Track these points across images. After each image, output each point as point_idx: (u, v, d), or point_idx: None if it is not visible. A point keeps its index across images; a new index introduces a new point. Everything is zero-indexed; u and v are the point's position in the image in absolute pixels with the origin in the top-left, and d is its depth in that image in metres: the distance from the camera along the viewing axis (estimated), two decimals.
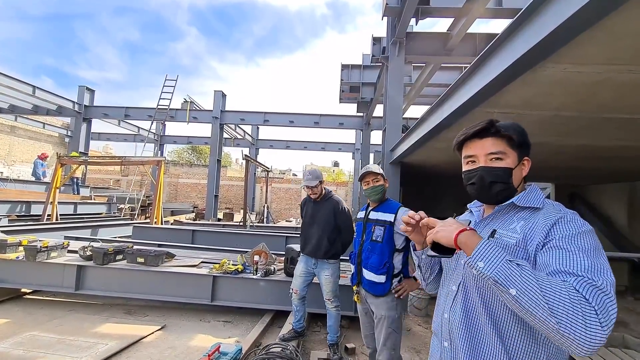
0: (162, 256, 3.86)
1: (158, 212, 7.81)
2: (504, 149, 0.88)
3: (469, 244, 0.76)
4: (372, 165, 2.16)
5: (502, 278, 0.69)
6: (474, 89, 2.00)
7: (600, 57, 1.41)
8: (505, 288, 0.68)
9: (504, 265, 0.69)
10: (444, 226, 0.82)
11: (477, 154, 0.91)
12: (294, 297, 2.90)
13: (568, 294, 0.64)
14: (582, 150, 3.40)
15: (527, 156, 0.92)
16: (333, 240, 2.76)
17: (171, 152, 29.23)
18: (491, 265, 0.70)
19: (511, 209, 0.91)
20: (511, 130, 0.89)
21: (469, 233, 0.78)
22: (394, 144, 4.85)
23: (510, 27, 1.55)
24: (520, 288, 0.67)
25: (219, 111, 11.31)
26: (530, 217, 0.86)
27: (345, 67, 8.76)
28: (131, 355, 2.68)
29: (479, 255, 0.73)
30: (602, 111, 2.13)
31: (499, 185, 0.89)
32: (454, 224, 0.82)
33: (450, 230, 0.80)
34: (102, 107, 11.84)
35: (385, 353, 1.91)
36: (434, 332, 1.05)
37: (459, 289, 0.93)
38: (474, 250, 0.74)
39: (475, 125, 0.92)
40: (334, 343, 2.80)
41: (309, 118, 11.47)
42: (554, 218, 0.80)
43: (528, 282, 0.66)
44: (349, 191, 19.76)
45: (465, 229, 0.79)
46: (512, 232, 0.86)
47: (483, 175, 0.90)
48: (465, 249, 0.77)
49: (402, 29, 5.02)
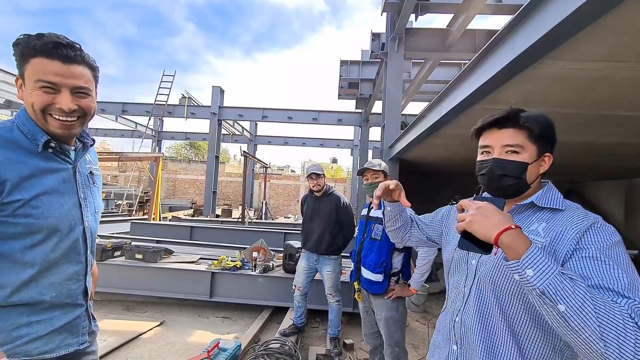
0: (161, 252, 3.86)
1: (156, 209, 7.80)
2: (523, 142, 0.82)
3: (515, 247, 0.65)
4: (374, 160, 2.14)
5: (553, 291, 0.61)
6: (474, 86, 1.99)
7: (600, 54, 1.41)
8: (554, 303, 0.61)
9: (556, 277, 0.61)
10: (481, 216, 0.69)
11: (492, 145, 0.85)
12: (296, 293, 2.91)
13: (622, 319, 0.59)
14: (580, 147, 3.40)
15: (550, 152, 0.85)
16: (335, 235, 2.77)
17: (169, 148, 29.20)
18: (542, 276, 0.61)
19: (529, 207, 0.86)
20: (533, 121, 0.81)
21: (514, 233, 0.66)
22: (392, 141, 4.85)
23: (511, 24, 1.54)
24: (571, 305, 0.60)
25: (217, 107, 11.25)
26: (552, 219, 0.81)
27: (344, 63, 8.72)
28: (130, 351, 2.69)
29: (528, 262, 0.63)
30: (601, 108, 2.13)
31: (510, 179, 0.83)
32: (495, 214, 0.69)
33: (490, 224, 0.67)
34: (99, 103, 11.68)
35: (390, 350, 1.95)
36: (439, 333, 1.02)
37: (471, 291, 0.88)
38: (524, 256, 0.63)
39: (494, 113, 0.85)
40: (335, 337, 2.82)
41: (307, 114, 11.44)
42: (584, 225, 0.75)
43: (582, 301, 0.59)
44: (347, 188, 19.77)
45: (510, 227, 0.66)
46: (534, 235, 0.80)
47: (494, 167, 0.84)
48: (507, 252, 0.66)
49: (402, 24, 4.99)
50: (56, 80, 0.86)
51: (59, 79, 0.86)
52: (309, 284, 2.95)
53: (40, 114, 0.87)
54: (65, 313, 0.97)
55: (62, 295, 0.95)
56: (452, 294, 0.96)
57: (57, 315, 0.95)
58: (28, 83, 0.86)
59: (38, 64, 0.84)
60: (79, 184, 0.99)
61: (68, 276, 0.97)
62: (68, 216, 0.95)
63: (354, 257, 2.18)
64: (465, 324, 0.88)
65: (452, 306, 0.95)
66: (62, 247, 0.94)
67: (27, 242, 0.87)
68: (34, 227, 0.87)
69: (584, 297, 0.60)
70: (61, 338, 0.95)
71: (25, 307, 0.89)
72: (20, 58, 0.86)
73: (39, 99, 0.85)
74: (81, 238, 1.00)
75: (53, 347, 0.93)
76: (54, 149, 0.92)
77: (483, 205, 0.71)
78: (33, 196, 0.86)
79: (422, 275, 1.94)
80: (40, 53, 0.84)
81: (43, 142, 0.89)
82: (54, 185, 0.92)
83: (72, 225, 0.96)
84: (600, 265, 0.68)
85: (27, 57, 0.85)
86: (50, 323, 0.93)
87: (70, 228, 0.95)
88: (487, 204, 0.71)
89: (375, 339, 2.16)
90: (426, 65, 7.09)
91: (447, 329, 0.96)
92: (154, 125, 15.29)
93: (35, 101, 0.86)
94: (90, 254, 1.04)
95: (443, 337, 0.98)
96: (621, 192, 6.84)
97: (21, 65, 0.86)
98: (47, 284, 0.92)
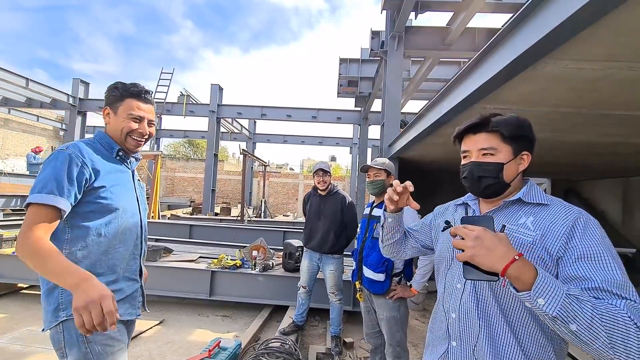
0: (160, 251, 3.86)
1: (155, 207, 7.78)
2: (496, 144, 0.89)
3: (523, 278, 0.67)
4: (379, 159, 2.14)
5: (564, 315, 0.65)
6: (474, 86, 1.99)
7: (601, 54, 1.41)
8: (565, 324, 0.65)
9: (565, 301, 0.65)
10: (483, 249, 0.70)
11: (470, 149, 0.94)
12: (301, 290, 2.92)
13: (625, 323, 0.63)
14: (579, 146, 3.41)
15: (528, 150, 0.91)
16: (339, 235, 2.76)
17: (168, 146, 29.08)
18: (553, 303, 0.65)
19: (515, 203, 0.91)
20: (503, 125, 0.89)
21: (520, 264, 0.68)
22: (392, 139, 4.85)
23: (512, 24, 1.54)
24: (581, 324, 0.64)
25: (215, 105, 11.21)
26: (539, 213, 0.86)
27: (343, 61, 8.70)
28: (130, 350, 2.67)
29: (539, 292, 0.66)
30: (600, 108, 2.14)
31: (487, 179, 0.90)
32: (498, 245, 0.70)
33: (495, 257, 0.69)
34: (98, 101, 11.68)
35: (391, 350, 1.96)
36: (432, 332, 1.03)
37: (465, 287, 0.91)
38: (534, 287, 0.66)
39: (469, 120, 0.93)
40: (337, 335, 2.83)
41: (306, 112, 11.40)
42: (570, 219, 0.80)
43: (591, 318, 0.64)
44: (346, 186, 19.77)
45: (515, 258, 0.68)
46: (523, 229, 0.85)
47: (473, 170, 0.92)
48: (515, 283, 0.69)
49: (402, 22, 4.98)
50: (141, 114, 1.27)
51: (142, 113, 1.28)
52: (314, 283, 2.95)
53: (124, 136, 1.26)
54: (129, 286, 1.27)
55: (127, 270, 1.26)
56: (446, 291, 0.98)
57: (124, 286, 1.25)
58: (121, 114, 1.25)
59: (131, 102, 1.25)
60: (135, 184, 1.35)
61: (130, 253, 1.27)
62: (131, 204, 1.28)
63: (355, 256, 2.18)
64: (464, 320, 0.90)
65: (447, 303, 0.97)
66: (127, 227, 1.25)
67: (104, 220, 1.18)
68: (110, 207, 1.19)
69: (592, 315, 0.64)
70: (126, 307, 1.25)
71: (104, 277, 1.16)
72: (118, 97, 1.25)
73: (128, 126, 1.25)
74: (138, 224, 1.32)
75: (122, 313, 1.21)
76: (121, 157, 1.30)
77: (481, 234, 0.71)
78: (110, 185, 1.20)
79: (424, 276, 1.94)
80: (133, 96, 1.26)
81: (116, 150, 1.28)
82: (122, 181, 1.27)
83: (133, 211, 1.29)
84: (597, 264, 0.73)
85: (124, 97, 1.25)
86: (122, 292, 1.23)
87: (132, 213, 1.28)
88: (485, 232, 0.71)
89: (377, 338, 2.16)
90: (426, 64, 7.08)
91: (442, 327, 0.97)
92: None
93: (124, 126, 1.25)
94: (144, 241, 1.36)
95: (437, 335, 0.99)
96: (619, 191, 6.87)
97: (116, 102, 1.25)
98: (118, 257, 1.22)
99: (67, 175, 1.09)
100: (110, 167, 1.23)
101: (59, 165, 1.10)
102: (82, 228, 1.14)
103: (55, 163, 1.10)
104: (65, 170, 1.09)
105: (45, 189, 1.05)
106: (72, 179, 1.10)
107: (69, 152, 1.12)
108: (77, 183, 1.11)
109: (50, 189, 1.06)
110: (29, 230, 1.01)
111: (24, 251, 1.00)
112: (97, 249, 1.16)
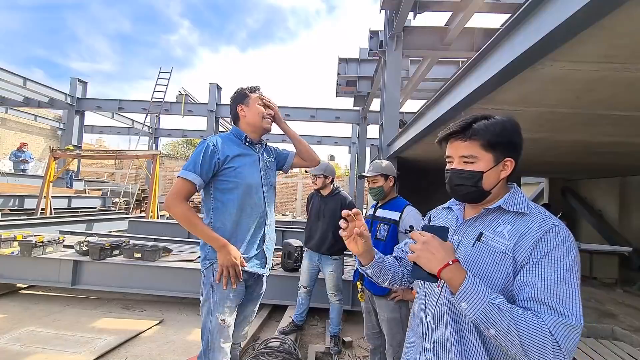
0: (159, 251, 3.85)
1: (154, 206, 7.77)
2: (477, 152, 0.87)
3: (453, 281, 0.76)
4: (375, 162, 2.13)
5: (484, 320, 0.72)
6: (473, 86, 2.00)
7: (599, 55, 1.42)
8: (486, 328, 0.73)
9: (486, 307, 0.72)
10: (427, 252, 0.79)
11: (452, 155, 0.92)
12: (302, 291, 2.93)
13: (542, 336, 0.68)
14: (576, 146, 3.44)
15: (511, 156, 0.88)
16: (338, 235, 2.77)
17: (166, 146, 28.98)
18: (474, 308, 0.73)
19: (496, 210, 0.90)
20: (483, 132, 0.86)
21: (453, 269, 0.76)
22: (391, 139, 4.86)
23: (510, 25, 1.55)
24: (499, 329, 0.71)
25: (214, 104, 11.21)
26: (517, 222, 0.85)
27: (342, 60, 8.70)
28: (130, 349, 2.69)
29: (462, 297, 0.74)
30: (597, 108, 2.16)
31: (466, 187, 0.90)
32: (438, 250, 0.78)
33: (434, 260, 0.78)
34: (95, 100, 11.65)
35: (391, 351, 1.96)
36: (411, 331, 1.04)
37: (441, 292, 0.91)
38: (459, 291, 0.75)
39: (452, 125, 0.92)
40: (336, 335, 2.84)
41: (305, 111, 11.42)
42: (541, 231, 0.79)
43: (507, 327, 0.70)
44: (345, 186, 19.78)
45: (449, 263, 0.77)
46: (500, 237, 0.84)
47: (452, 177, 0.92)
48: (449, 284, 0.78)
49: (400, 22, 4.99)
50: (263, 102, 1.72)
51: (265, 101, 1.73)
52: (314, 283, 2.96)
53: (260, 118, 1.68)
54: (255, 249, 1.63)
55: (253, 236, 1.61)
56: (426, 292, 0.99)
57: (251, 249, 1.61)
58: (252, 105, 1.68)
59: (253, 95, 1.70)
60: (260, 165, 1.69)
61: (255, 223, 1.61)
62: (255, 182, 1.62)
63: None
64: (438, 323, 0.91)
65: (425, 305, 0.97)
66: (252, 200, 1.60)
67: (234, 195, 1.55)
68: (238, 184, 1.56)
69: (509, 324, 0.70)
70: (252, 263, 1.62)
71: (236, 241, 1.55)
72: (245, 96, 1.69)
73: (260, 110, 1.68)
74: (262, 198, 1.64)
75: (251, 265, 1.61)
76: (249, 143, 1.68)
77: (428, 240, 0.80)
78: (238, 166, 1.57)
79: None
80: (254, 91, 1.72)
81: (243, 136, 1.67)
82: (248, 163, 1.63)
83: (257, 188, 1.62)
84: (545, 272, 0.74)
85: (250, 93, 1.70)
86: (249, 252, 1.61)
87: (256, 189, 1.62)
88: (432, 239, 0.80)
89: (377, 339, 2.16)
90: (424, 63, 7.09)
91: (419, 327, 0.98)
92: (150, 123, 15.19)
93: (259, 110, 1.68)
94: (268, 211, 1.68)
95: (415, 335, 1.00)
96: (616, 190, 6.92)
97: (243, 98, 1.69)
98: (245, 226, 1.58)
99: (202, 158, 1.49)
100: (239, 151, 1.60)
101: (198, 150, 1.52)
102: (221, 201, 1.56)
103: (197, 149, 1.53)
104: (201, 155, 1.50)
105: (187, 167, 1.49)
106: (206, 160, 1.50)
107: (207, 141, 1.55)
108: (210, 164, 1.51)
109: (189, 167, 1.49)
110: (175, 194, 1.49)
111: (176, 214, 1.49)
112: (230, 220, 1.55)
